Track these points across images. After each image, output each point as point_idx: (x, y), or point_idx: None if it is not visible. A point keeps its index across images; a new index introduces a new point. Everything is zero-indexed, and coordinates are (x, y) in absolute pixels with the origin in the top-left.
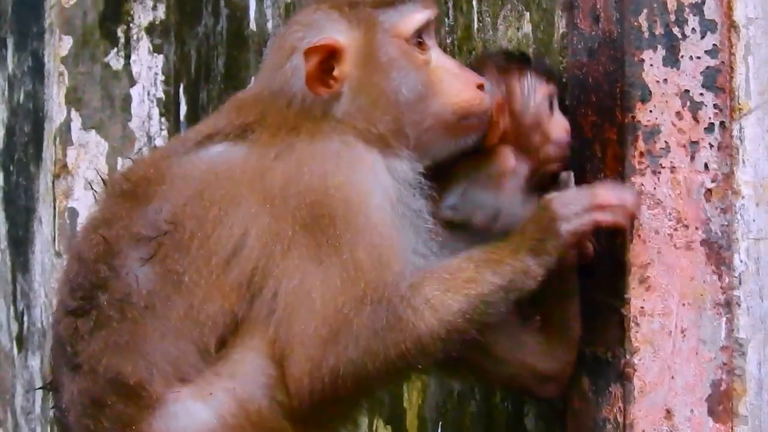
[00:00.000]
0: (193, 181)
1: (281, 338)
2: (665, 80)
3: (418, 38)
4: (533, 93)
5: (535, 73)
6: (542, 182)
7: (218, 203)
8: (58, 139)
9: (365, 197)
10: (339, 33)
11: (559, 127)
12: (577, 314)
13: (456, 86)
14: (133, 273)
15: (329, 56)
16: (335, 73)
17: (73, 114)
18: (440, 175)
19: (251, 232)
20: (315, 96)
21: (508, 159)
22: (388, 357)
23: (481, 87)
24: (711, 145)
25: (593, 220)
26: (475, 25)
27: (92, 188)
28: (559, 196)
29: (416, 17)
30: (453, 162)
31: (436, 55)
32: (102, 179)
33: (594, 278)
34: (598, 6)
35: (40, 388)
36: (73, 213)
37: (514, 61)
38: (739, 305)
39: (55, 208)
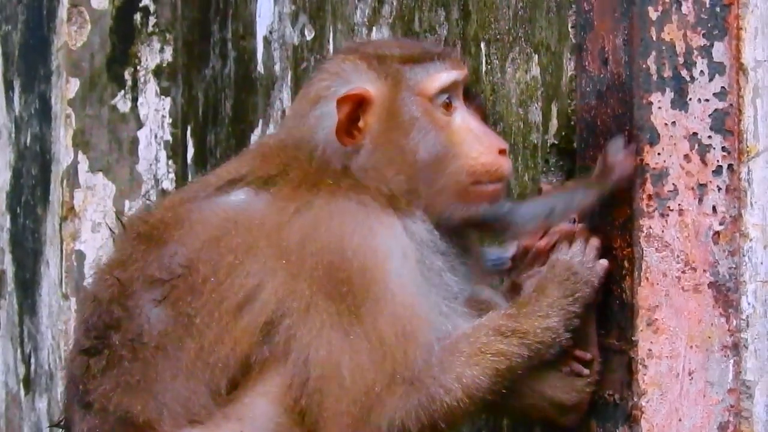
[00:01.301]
0: (211, 227)
1: (312, 410)
2: (673, 123)
3: (445, 98)
4: None
5: None
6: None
7: (234, 251)
8: (65, 181)
9: (384, 263)
10: (368, 84)
11: None
12: (595, 342)
13: (476, 149)
14: (146, 314)
15: (358, 106)
16: (360, 124)
17: (81, 156)
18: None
19: (266, 284)
20: (339, 146)
21: None
22: (423, 430)
23: (503, 152)
24: (719, 188)
25: (604, 268)
26: (484, 68)
27: (99, 230)
28: (572, 256)
29: (442, 77)
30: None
31: (460, 117)
32: (120, 221)
33: (602, 321)
34: (606, 49)
35: (51, 426)
36: (81, 255)
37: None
38: (747, 348)
39: (62, 250)
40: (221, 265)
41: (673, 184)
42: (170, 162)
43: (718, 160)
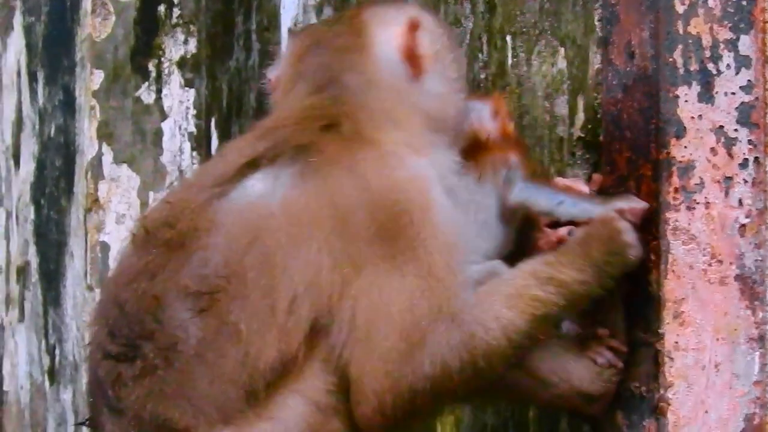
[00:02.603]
0: (250, 226)
1: (357, 357)
2: (700, 116)
3: None
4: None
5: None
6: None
7: (282, 247)
8: (89, 173)
9: (430, 204)
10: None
11: None
12: (624, 332)
13: None
14: (182, 325)
15: (414, 33)
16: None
17: (105, 148)
18: None
19: (323, 264)
20: (401, 84)
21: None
22: (462, 373)
23: None
24: (745, 181)
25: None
26: (509, 61)
27: (124, 222)
28: (623, 220)
29: None
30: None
31: None
32: (144, 226)
33: (628, 314)
34: (633, 42)
35: (79, 424)
36: (105, 247)
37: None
38: None
39: (86, 242)
40: (269, 266)
41: (700, 177)
42: (194, 153)
43: (744, 153)
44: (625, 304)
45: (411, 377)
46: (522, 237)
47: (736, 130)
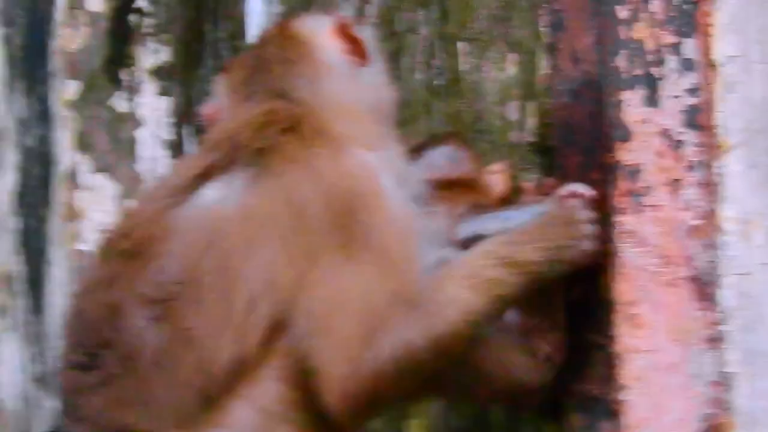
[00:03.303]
0: (205, 232)
1: (317, 348)
2: (645, 120)
3: None
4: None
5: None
6: None
7: (238, 249)
8: (66, 182)
9: (384, 193)
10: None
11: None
12: (563, 320)
13: None
14: (139, 333)
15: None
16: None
17: (81, 157)
18: None
19: (280, 261)
20: (345, 80)
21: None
22: (422, 354)
23: None
24: (693, 184)
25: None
26: (462, 67)
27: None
28: (585, 210)
29: None
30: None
31: None
32: (107, 240)
33: (580, 316)
34: (578, 48)
35: None
36: (84, 256)
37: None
38: (727, 340)
39: (66, 251)
40: (226, 269)
41: (647, 180)
42: (170, 161)
43: (691, 156)
44: (577, 306)
45: (372, 362)
46: None
47: (681, 132)
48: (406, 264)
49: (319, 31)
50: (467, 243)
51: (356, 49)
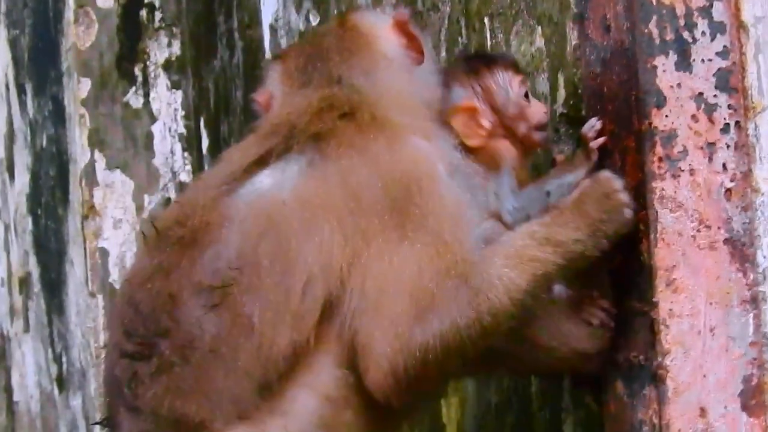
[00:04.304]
0: (262, 216)
1: (367, 324)
2: (679, 85)
3: None
4: (509, 85)
5: (503, 66)
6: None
7: (296, 233)
8: (83, 180)
9: (436, 176)
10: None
11: (539, 111)
12: (609, 292)
13: None
14: (197, 322)
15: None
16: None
17: (97, 155)
18: None
19: (336, 243)
20: (404, 74)
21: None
22: (469, 331)
23: None
24: (728, 146)
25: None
26: (489, 43)
27: (121, 227)
28: (618, 179)
29: None
30: None
31: None
32: (154, 226)
33: (621, 284)
34: (608, 16)
35: (95, 424)
36: (104, 253)
37: (480, 61)
38: (765, 300)
39: (85, 249)
40: (283, 253)
41: (683, 144)
42: (186, 154)
43: (725, 118)
44: (618, 274)
45: (421, 337)
46: None
47: (715, 96)
48: (456, 244)
49: (379, 25)
50: (514, 218)
51: (413, 45)
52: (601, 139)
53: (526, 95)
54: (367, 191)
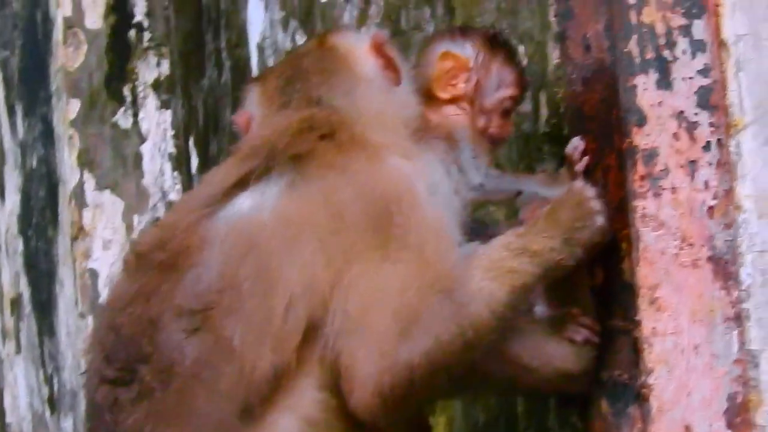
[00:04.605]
0: (243, 238)
1: (351, 345)
2: (660, 103)
3: None
4: (505, 87)
5: (516, 72)
6: None
7: (277, 254)
8: (73, 201)
9: (417, 194)
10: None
11: (504, 128)
12: (592, 309)
13: None
14: (178, 346)
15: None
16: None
17: (86, 175)
18: None
19: (318, 263)
20: (383, 96)
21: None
22: (453, 346)
23: None
24: (710, 163)
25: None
26: None
27: (110, 248)
28: (591, 188)
29: None
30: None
31: None
32: (135, 251)
33: (604, 303)
34: (588, 35)
35: None
36: (94, 274)
37: (505, 49)
38: (749, 318)
39: (75, 270)
40: (265, 274)
41: (664, 163)
42: (175, 174)
43: (706, 136)
44: (601, 293)
45: (407, 355)
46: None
47: (696, 114)
48: (440, 262)
49: (358, 46)
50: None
51: (391, 66)
52: (585, 160)
53: (508, 111)
54: (349, 211)
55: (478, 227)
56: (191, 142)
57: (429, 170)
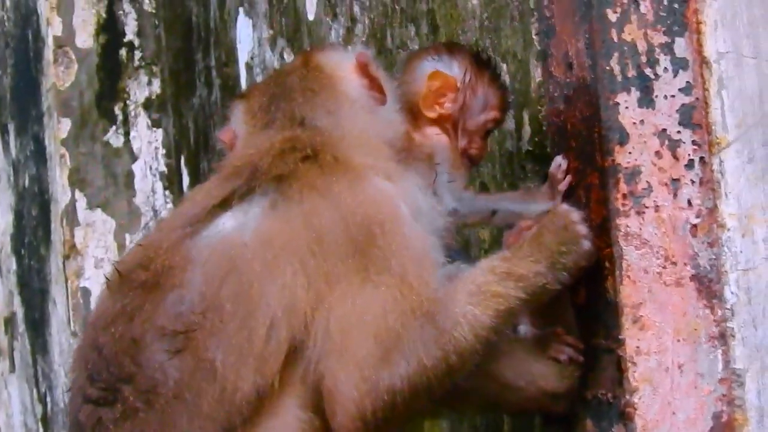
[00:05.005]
0: (224, 260)
1: (333, 368)
2: (642, 121)
3: None
4: (488, 109)
5: (500, 94)
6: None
7: (258, 277)
8: (65, 220)
9: (399, 217)
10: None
11: (481, 150)
12: (576, 328)
13: None
14: (160, 366)
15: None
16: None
17: (78, 194)
18: None
19: (299, 285)
20: (367, 115)
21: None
22: (436, 370)
23: None
24: (693, 181)
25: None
26: None
27: (102, 266)
28: (577, 211)
29: None
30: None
31: None
32: (117, 270)
33: (587, 322)
34: (570, 53)
35: None
36: (86, 292)
37: (491, 69)
38: (734, 336)
39: (67, 288)
40: (246, 296)
41: (647, 181)
42: (167, 192)
43: (689, 154)
44: (584, 312)
45: (388, 380)
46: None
47: (679, 132)
48: (422, 286)
49: (342, 66)
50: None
51: (375, 86)
52: (567, 179)
53: (488, 133)
54: (330, 234)
55: (461, 249)
56: (182, 161)
57: (412, 192)
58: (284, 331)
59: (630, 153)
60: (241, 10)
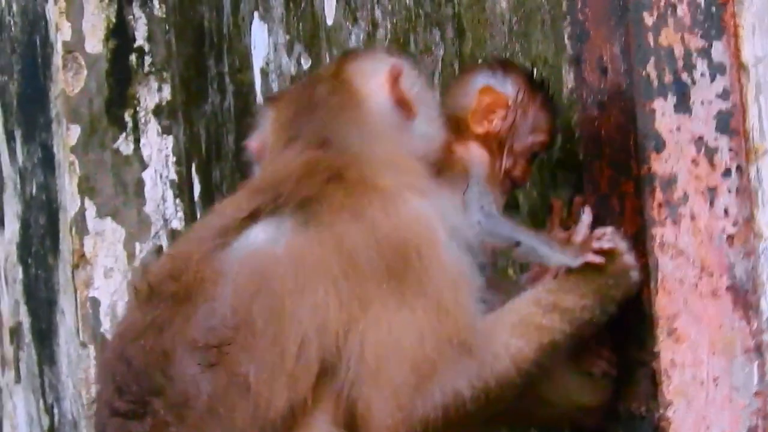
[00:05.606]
0: (256, 275)
1: (367, 394)
2: (678, 128)
3: None
4: (538, 132)
5: (551, 118)
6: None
7: (290, 293)
8: (73, 229)
9: (437, 241)
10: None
11: (523, 173)
12: (608, 338)
13: None
14: (193, 380)
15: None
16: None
17: (87, 203)
18: None
19: (331, 305)
20: (395, 131)
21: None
22: (474, 401)
23: None
24: (729, 190)
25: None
26: None
27: (112, 276)
28: (623, 241)
29: None
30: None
31: None
32: (148, 282)
33: (621, 334)
34: (605, 58)
35: None
36: (95, 302)
37: (543, 92)
38: None
39: (76, 298)
40: (277, 313)
41: (683, 189)
42: (177, 201)
43: (726, 162)
44: (618, 324)
45: (422, 409)
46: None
47: (716, 139)
48: (458, 312)
49: (372, 80)
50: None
51: (404, 101)
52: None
53: (534, 156)
54: (364, 257)
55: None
56: (194, 169)
57: (448, 211)
58: (315, 351)
59: (666, 161)
60: (256, 14)
